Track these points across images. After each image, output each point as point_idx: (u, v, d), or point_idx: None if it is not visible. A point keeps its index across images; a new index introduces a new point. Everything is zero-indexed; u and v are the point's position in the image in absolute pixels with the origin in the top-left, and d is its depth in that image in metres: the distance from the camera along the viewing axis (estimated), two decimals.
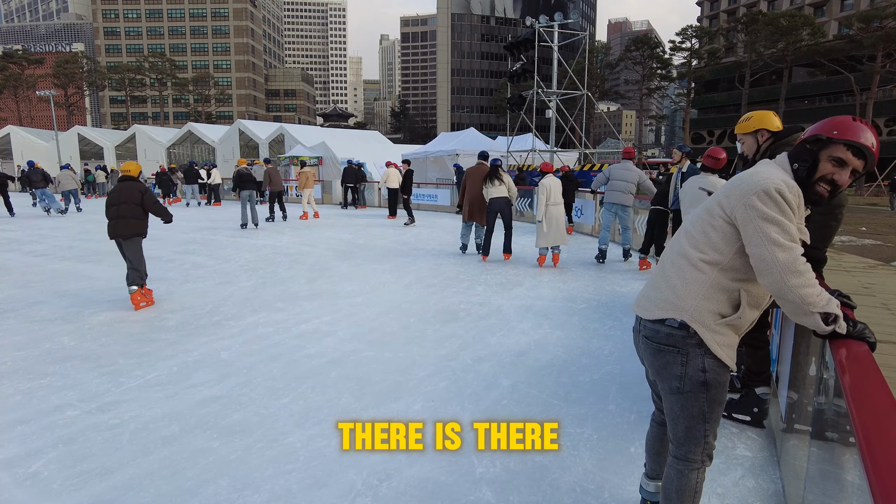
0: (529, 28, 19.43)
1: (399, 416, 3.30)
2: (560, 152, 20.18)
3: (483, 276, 7.56)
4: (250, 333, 4.97)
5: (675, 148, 7.29)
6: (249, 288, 6.82)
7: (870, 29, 39.45)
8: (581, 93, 19.59)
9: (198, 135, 35.96)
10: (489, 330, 5.10)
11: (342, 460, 2.82)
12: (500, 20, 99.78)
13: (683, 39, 53.85)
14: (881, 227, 15.26)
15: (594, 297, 6.40)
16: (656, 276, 1.99)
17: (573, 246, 10.51)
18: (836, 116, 1.84)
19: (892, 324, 5.49)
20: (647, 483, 2.37)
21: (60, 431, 3.12)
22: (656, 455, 2.31)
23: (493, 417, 3.23)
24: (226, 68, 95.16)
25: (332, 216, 16.64)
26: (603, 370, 4.11)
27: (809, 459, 2.09)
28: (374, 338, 4.87)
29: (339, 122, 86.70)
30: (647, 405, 3.51)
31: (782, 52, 46.53)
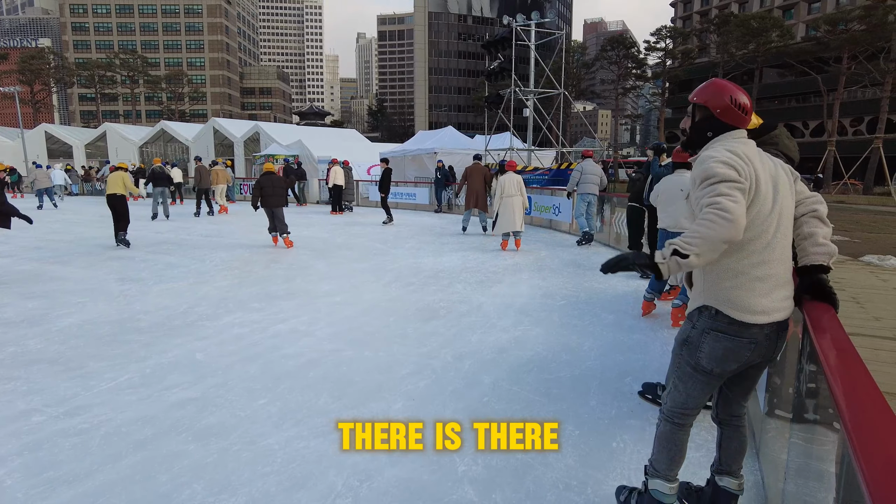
0: (506, 27, 19.47)
1: (379, 415, 3.26)
2: (537, 151, 20.27)
3: (463, 274, 7.54)
4: (226, 334, 4.86)
5: (649, 148, 7.37)
6: (225, 288, 6.68)
7: (836, 31, 40.51)
8: (558, 92, 19.70)
9: (171, 133, 35.26)
10: (470, 328, 5.08)
11: (322, 461, 2.77)
12: (478, 19, 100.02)
13: (658, 40, 54.62)
14: (848, 224, 15.67)
15: (573, 294, 6.42)
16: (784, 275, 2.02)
17: (551, 244, 10.56)
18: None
19: (862, 317, 5.63)
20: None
21: (26, 438, 3.00)
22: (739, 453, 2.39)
23: (475, 415, 3.21)
24: (200, 66, 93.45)
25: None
26: (583, 366, 4.12)
27: (789, 452, 2.11)
28: (353, 337, 4.81)
29: (315, 121, 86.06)
30: (628, 401, 3.53)
31: (753, 53, 47.51)
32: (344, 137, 32.82)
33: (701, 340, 2.07)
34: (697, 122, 2.13)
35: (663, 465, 2.28)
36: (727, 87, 2.09)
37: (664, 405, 2.28)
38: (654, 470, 2.30)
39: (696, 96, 2.14)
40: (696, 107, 2.13)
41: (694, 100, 2.14)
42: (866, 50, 37.37)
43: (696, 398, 2.17)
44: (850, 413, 1.11)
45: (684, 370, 2.15)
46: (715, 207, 1.82)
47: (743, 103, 2.05)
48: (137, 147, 36.02)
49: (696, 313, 2.12)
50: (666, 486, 2.27)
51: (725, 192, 1.84)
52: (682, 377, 2.17)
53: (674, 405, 2.22)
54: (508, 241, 9.75)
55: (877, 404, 1.14)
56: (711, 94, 2.09)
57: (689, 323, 2.16)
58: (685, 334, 2.14)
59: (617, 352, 4.45)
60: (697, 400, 2.18)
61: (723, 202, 1.81)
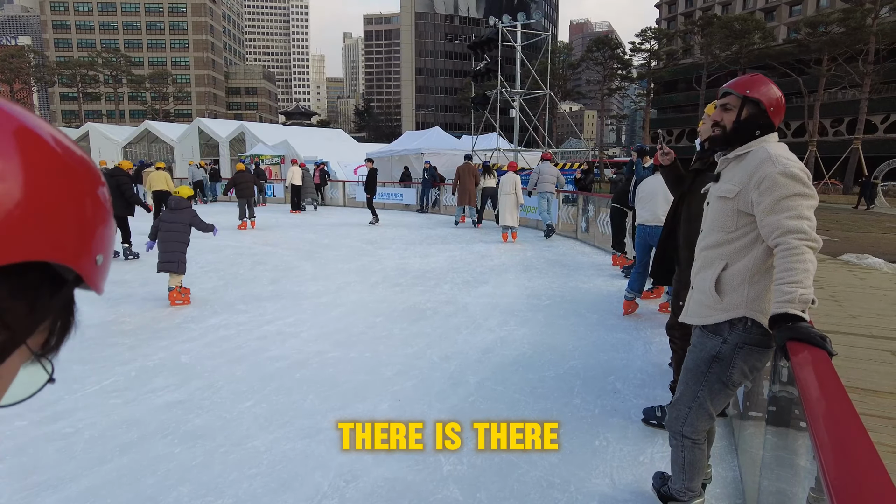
0: (493, 28, 19.54)
1: (366, 416, 3.28)
2: (524, 151, 20.37)
3: (450, 274, 7.58)
4: (212, 336, 4.85)
5: (633, 149, 7.46)
6: (210, 289, 6.66)
7: (816, 34, 41.14)
8: (544, 93, 19.82)
9: (155, 133, 34.87)
10: (456, 328, 5.12)
11: (308, 462, 2.78)
12: (464, 19, 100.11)
13: (643, 41, 55.12)
14: (829, 224, 15.95)
15: (558, 294, 6.49)
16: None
17: (537, 244, 10.64)
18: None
19: (840, 314, 5.75)
20: None
21: (8, 443, 2.98)
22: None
23: (461, 415, 3.24)
24: (184, 65, 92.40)
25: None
26: (567, 365, 4.17)
27: (765, 447, 2.17)
28: (339, 338, 4.82)
29: (301, 121, 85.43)
30: (610, 399, 3.59)
31: (736, 55, 48.09)
32: (330, 137, 32.66)
33: (734, 356, 1.97)
34: (747, 118, 1.97)
35: (697, 484, 2.26)
36: (774, 83, 1.99)
37: (685, 429, 2.17)
38: (691, 493, 2.26)
39: (749, 89, 1.97)
40: (747, 101, 1.97)
41: (748, 93, 1.97)
42: (845, 52, 38.01)
43: (718, 410, 2.14)
44: (812, 410, 1.16)
45: (714, 387, 2.05)
46: (805, 240, 1.73)
47: (784, 103, 1.98)
48: (121, 147, 35.57)
49: (725, 326, 1.99)
50: (700, 502, 2.30)
51: (808, 215, 1.76)
52: (711, 394, 2.07)
53: (698, 425, 2.14)
54: (507, 234, 10.69)
55: (840, 403, 1.19)
56: (766, 90, 1.96)
57: (717, 338, 2.02)
58: (714, 350, 2.02)
59: (600, 351, 4.51)
60: (718, 411, 2.15)
61: (809, 231, 1.73)
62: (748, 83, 1.99)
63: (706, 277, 2.07)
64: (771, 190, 1.80)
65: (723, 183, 2.05)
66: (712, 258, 2.07)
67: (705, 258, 2.11)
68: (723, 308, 1.99)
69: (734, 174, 1.99)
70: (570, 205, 12.51)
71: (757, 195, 1.85)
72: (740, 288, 1.95)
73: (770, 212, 1.80)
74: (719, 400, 2.10)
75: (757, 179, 1.85)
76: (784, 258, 1.74)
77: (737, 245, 1.98)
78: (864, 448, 0.98)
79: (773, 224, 1.79)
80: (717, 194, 2.06)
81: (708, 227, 2.12)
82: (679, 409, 2.18)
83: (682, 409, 2.16)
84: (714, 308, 2.02)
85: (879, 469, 0.91)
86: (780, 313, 1.68)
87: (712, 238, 2.08)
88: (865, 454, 0.96)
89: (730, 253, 2.00)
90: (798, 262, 1.70)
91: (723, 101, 2.03)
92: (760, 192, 1.84)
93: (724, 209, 2.01)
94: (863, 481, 0.91)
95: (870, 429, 3.42)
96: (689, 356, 2.16)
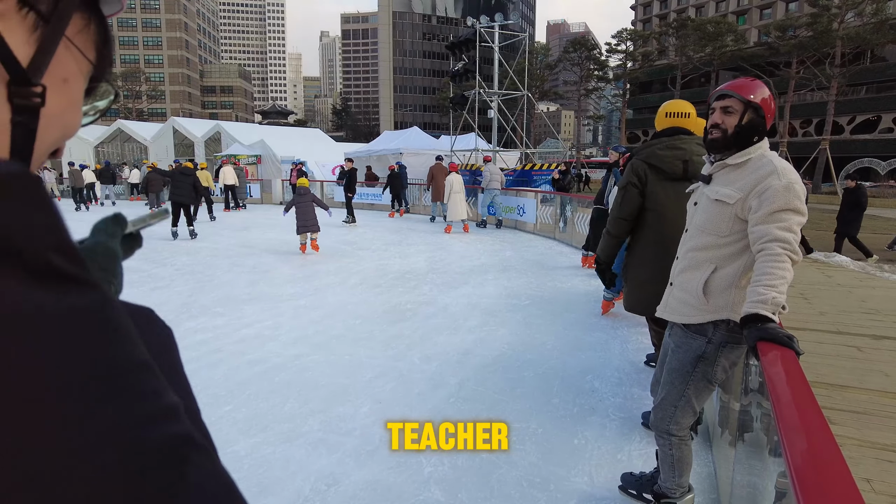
0: (471, 28, 19.59)
1: (346, 419, 3.28)
2: (502, 152, 20.47)
3: (430, 275, 7.59)
4: (189, 340, 4.79)
5: (612, 149, 7.56)
6: (187, 293, 6.56)
7: (785, 37, 42.22)
8: (522, 93, 19.96)
9: (128, 133, 34.11)
10: (436, 329, 5.14)
11: (289, 467, 2.78)
12: (442, 19, 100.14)
13: (619, 42, 55.84)
14: None
15: (537, 294, 6.55)
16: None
17: (517, 244, 10.72)
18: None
19: (808, 312, 5.92)
20: None
21: None
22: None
23: (441, 416, 3.26)
24: (158, 63, 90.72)
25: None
26: (546, 365, 4.22)
27: (737, 442, 2.24)
28: (318, 340, 4.80)
29: (278, 120, 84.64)
30: (589, 398, 3.65)
31: (710, 57, 49.05)
32: (307, 137, 32.35)
33: (718, 354, 2.06)
34: (749, 123, 1.98)
35: (685, 480, 2.31)
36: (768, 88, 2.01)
37: (673, 427, 2.23)
38: (682, 489, 2.32)
39: (752, 94, 1.97)
40: (749, 106, 1.97)
41: (751, 98, 1.97)
42: (813, 55, 39.07)
43: (701, 406, 2.23)
44: (779, 406, 1.21)
45: (699, 385, 2.13)
46: (788, 250, 1.80)
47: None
48: (93, 147, 34.73)
49: (710, 327, 2.06)
50: (690, 498, 2.35)
51: (796, 230, 1.83)
52: (696, 392, 2.15)
53: (683, 422, 2.21)
54: (453, 226, 12.44)
55: (805, 399, 1.24)
56: (767, 97, 1.98)
57: (701, 338, 2.09)
58: (699, 351, 2.09)
59: (578, 350, 4.58)
60: (700, 407, 2.23)
61: (793, 244, 1.80)
62: (751, 87, 1.99)
63: (693, 279, 2.10)
64: (771, 201, 1.86)
65: (719, 186, 2.05)
66: (700, 260, 2.10)
67: (692, 259, 2.14)
68: (709, 310, 2.05)
69: (733, 179, 2.00)
70: (549, 205, 12.65)
71: (756, 203, 1.90)
72: (727, 292, 2.01)
73: (764, 221, 1.86)
74: (703, 396, 2.18)
75: (760, 189, 1.90)
76: (765, 262, 1.80)
77: (728, 250, 2.03)
78: (825, 439, 1.04)
79: (762, 231, 1.85)
80: (712, 197, 2.06)
81: (697, 228, 2.13)
82: (666, 409, 2.24)
83: (669, 409, 2.22)
84: (699, 309, 2.08)
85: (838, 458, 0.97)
86: (751, 313, 1.73)
87: (702, 240, 2.10)
88: (826, 445, 1.02)
89: (720, 257, 2.05)
90: (777, 268, 1.77)
91: (724, 103, 2.02)
92: (761, 200, 1.89)
93: (720, 213, 2.03)
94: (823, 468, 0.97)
95: (837, 422, 3.53)
96: (674, 357, 2.21)
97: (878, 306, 6.17)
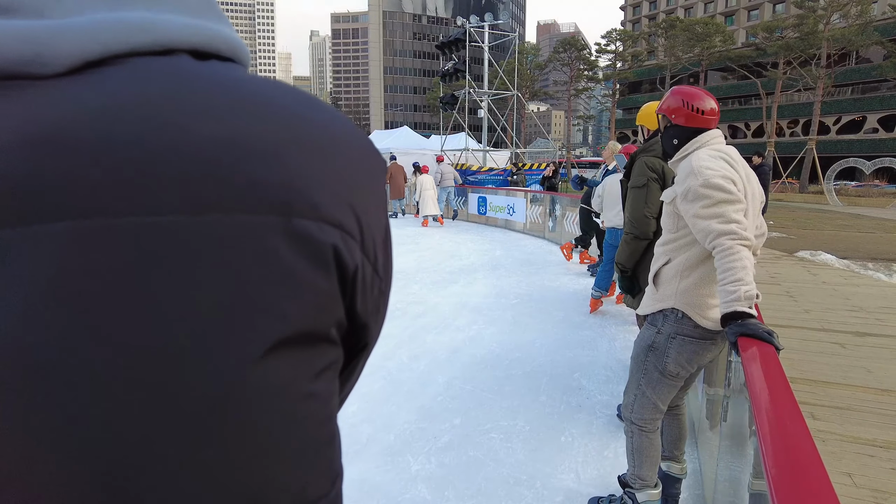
0: (461, 28, 19.60)
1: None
2: (492, 151, 20.51)
3: (419, 274, 7.59)
4: None
5: (602, 150, 7.60)
6: None
7: (772, 38, 42.65)
8: (512, 93, 20.00)
9: None
10: (425, 328, 5.14)
11: None
12: (432, 19, 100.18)
13: (608, 42, 56.12)
14: (785, 221, 16.55)
15: (526, 293, 6.57)
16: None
17: (507, 243, 10.75)
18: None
19: (794, 309, 5.99)
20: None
21: None
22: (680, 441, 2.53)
23: (429, 414, 3.27)
24: None
25: None
26: (534, 363, 4.24)
27: (721, 439, 2.26)
28: None
29: None
30: (576, 395, 3.66)
31: (698, 57, 49.47)
32: None
33: (668, 346, 2.08)
34: (664, 132, 2.20)
35: (648, 473, 2.29)
36: (682, 91, 2.13)
37: (633, 416, 2.26)
38: (641, 481, 2.30)
39: (661, 105, 2.20)
40: (662, 118, 2.20)
41: (661, 108, 2.20)
42: (800, 56, 39.50)
43: (665, 401, 2.22)
44: (757, 400, 1.22)
45: (652, 376, 2.16)
46: (735, 240, 1.81)
47: (699, 106, 2.07)
48: None
49: (659, 317, 2.12)
50: (654, 493, 2.31)
51: (735, 218, 1.84)
52: (650, 383, 2.18)
53: (644, 413, 2.23)
54: (429, 220, 13.40)
55: (782, 393, 1.26)
56: (668, 103, 2.15)
57: (651, 328, 2.16)
58: (649, 340, 2.16)
59: (566, 348, 4.60)
60: (665, 402, 2.22)
61: (739, 231, 1.81)
62: (663, 100, 2.20)
63: (651, 270, 2.22)
64: (696, 200, 1.92)
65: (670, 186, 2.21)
66: (659, 254, 2.22)
67: (656, 254, 2.25)
68: (657, 299, 2.14)
69: (676, 181, 2.11)
70: (538, 204, 12.70)
71: (684, 205, 1.98)
72: (672, 280, 2.09)
73: (699, 218, 1.91)
74: (661, 390, 2.17)
75: (683, 191, 1.98)
76: (721, 260, 1.83)
77: (678, 244, 2.12)
78: (800, 433, 1.06)
79: (704, 230, 1.89)
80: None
81: (662, 225, 2.26)
82: (627, 397, 2.31)
83: (630, 396, 2.29)
84: (652, 298, 2.18)
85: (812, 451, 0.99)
86: (729, 312, 1.76)
87: (663, 237, 2.22)
88: (800, 438, 1.04)
89: (672, 250, 2.15)
90: (734, 261, 1.79)
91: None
92: (687, 202, 1.97)
93: (667, 211, 2.17)
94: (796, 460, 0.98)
95: (820, 418, 3.57)
96: (634, 346, 2.29)
97: (862, 303, 6.25)
